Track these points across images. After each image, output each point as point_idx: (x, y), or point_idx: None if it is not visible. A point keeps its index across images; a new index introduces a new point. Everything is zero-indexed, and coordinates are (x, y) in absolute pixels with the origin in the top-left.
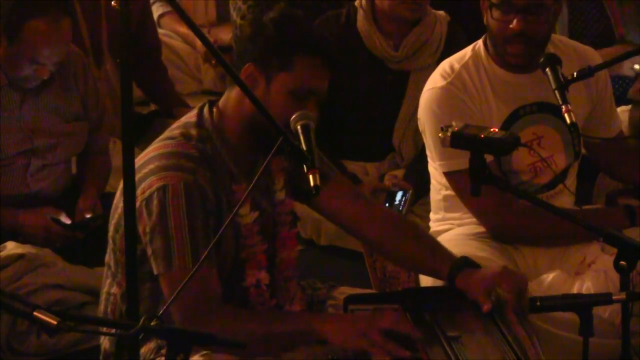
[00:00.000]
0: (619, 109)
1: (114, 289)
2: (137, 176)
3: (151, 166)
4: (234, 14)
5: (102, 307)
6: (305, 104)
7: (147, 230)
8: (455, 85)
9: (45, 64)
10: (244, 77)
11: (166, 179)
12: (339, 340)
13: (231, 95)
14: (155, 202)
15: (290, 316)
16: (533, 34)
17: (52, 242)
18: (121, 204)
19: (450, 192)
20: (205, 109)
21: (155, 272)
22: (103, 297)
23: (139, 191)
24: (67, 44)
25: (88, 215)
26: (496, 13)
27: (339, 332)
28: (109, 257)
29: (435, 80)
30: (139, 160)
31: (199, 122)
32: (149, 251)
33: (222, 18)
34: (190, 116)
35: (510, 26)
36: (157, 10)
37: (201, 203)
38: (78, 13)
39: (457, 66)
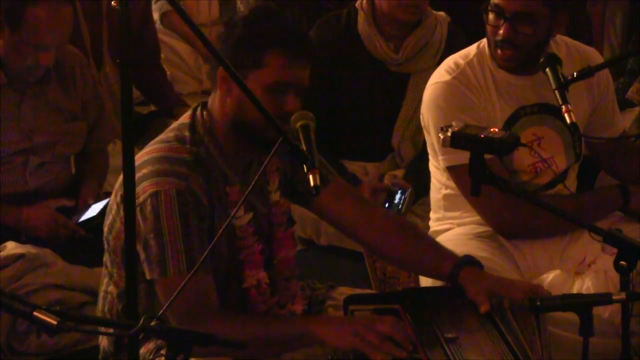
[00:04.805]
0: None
1: (111, 288)
2: None
3: (145, 170)
4: (241, 8)
5: (100, 305)
6: (284, 97)
7: (141, 235)
8: (460, 80)
9: (48, 49)
10: (220, 81)
11: (159, 185)
12: (334, 342)
13: (216, 96)
14: (149, 208)
15: (287, 320)
16: (520, 43)
17: (57, 236)
18: (115, 206)
19: (450, 191)
20: (199, 111)
21: (148, 276)
22: (101, 295)
23: None
24: (69, 29)
25: (90, 202)
26: (489, 16)
27: (334, 333)
28: (106, 257)
29: (440, 75)
30: None
31: (192, 124)
32: (142, 256)
33: (226, 17)
34: (185, 117)
35: (499, 32)
36: (160, 8)
37: (194, 208)
38: (79, 15)
39: (461, 62)
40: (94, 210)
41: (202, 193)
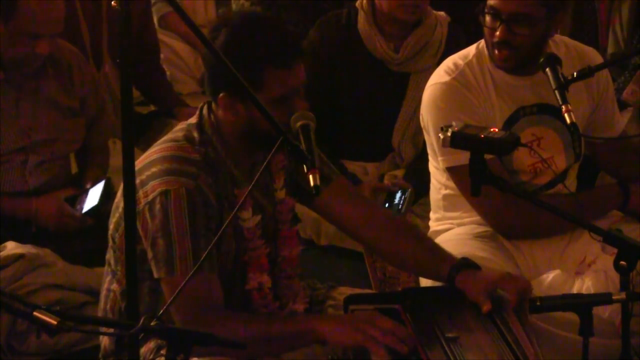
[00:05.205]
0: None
1: (114, 286)
2: (140, 178)
3: (154, 169)
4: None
5: (102, 303)
6: (291, 103)
7: (149, 233)
8: (459, 81)
9: (43, 38)
10: (222, 108)
11: (168, 184)
12: (336, 338)
13: (220, 99)
14: (158, 206)
15: (290, 318)
16: (517, 44)
17: (65, 227)
18: (122, 204)
19: (449, 191)
20: (205, 110)
21: (155, 275)
22: (103, 293)
23: (141, 193)
24: (62, 15)
25: (87, 186)
26: (485, 18)
27: (336, 330)
28: (109, 255)
29: (439, 76)
30: (142, 160)
31: (200, 124)
32: (150, 254)
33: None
34: (193, 118)
35: (496, 33)
36: (159, 10)
37: (203, 208)
38: (79, 14)
39: (461, 63)
40: (93, 197)
41: (210, 193)
